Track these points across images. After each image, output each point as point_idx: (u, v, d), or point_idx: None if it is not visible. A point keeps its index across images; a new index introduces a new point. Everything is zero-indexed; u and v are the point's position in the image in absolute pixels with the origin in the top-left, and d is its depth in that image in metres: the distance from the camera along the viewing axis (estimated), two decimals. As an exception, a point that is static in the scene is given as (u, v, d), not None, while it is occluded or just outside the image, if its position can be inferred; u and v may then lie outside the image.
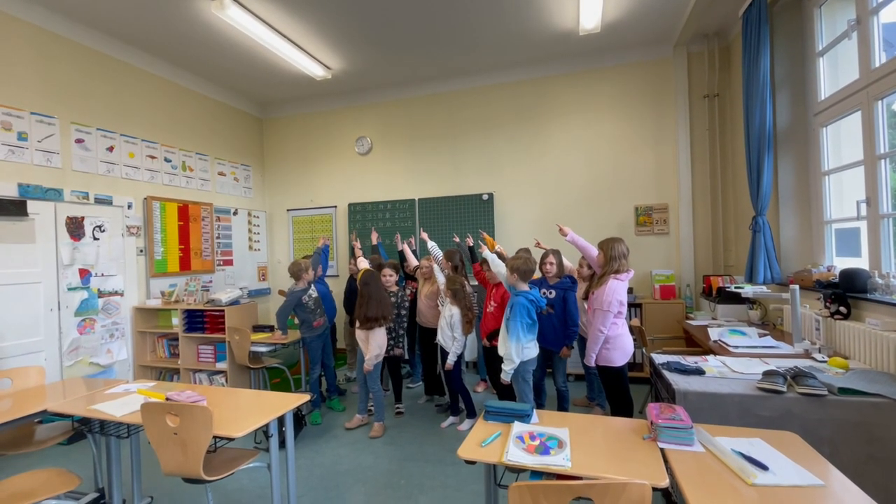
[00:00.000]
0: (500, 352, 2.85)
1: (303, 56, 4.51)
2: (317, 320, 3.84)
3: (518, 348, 2.74)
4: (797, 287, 2.88)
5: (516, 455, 1.56)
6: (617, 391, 2.83)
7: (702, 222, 4.68)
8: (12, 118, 3.52)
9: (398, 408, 3.90)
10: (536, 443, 1.64)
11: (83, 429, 2.45)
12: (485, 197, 5.22)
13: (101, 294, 4.10)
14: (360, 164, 5.85)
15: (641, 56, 4.79)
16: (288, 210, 6.16)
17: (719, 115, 4.58)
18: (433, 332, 3.75)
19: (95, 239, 4.07)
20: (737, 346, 2.84)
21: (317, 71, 4.85)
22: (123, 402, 2.28)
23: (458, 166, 5.42)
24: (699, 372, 2.29)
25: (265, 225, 6.20)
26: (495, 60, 4.94)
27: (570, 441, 1.66)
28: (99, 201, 4.12)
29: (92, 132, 4.10)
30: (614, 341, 2.75)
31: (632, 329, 3.81)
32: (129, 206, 4.39)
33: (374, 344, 3.40)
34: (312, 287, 3.89)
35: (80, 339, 3.92)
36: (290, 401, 2.24)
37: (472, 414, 3.53)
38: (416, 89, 5.52)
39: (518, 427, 1.77)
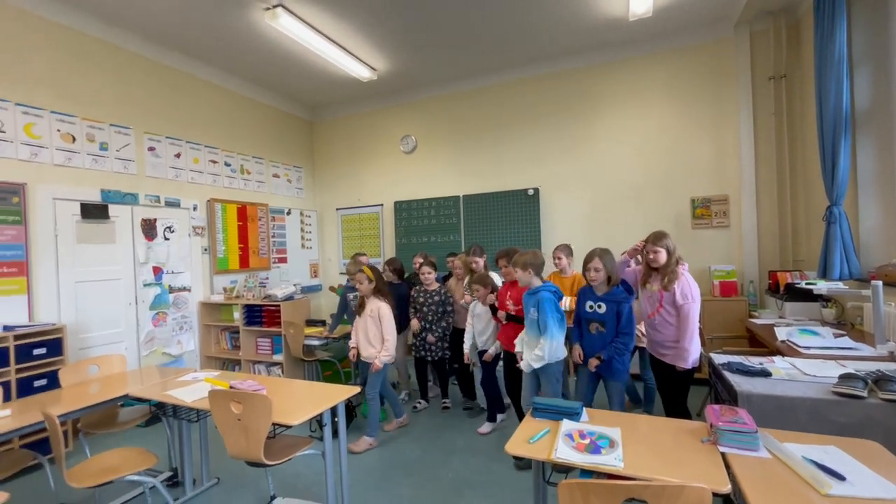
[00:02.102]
0: (526, 356, 2.69)
1: (350, 59, 4.64)
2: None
3: (553, 346, 2.59)
4: (880, 283, 2.62)
5: (565, 453, 1.54)
6: (678, 396, 2.66)
7: (767, 214, 4.35)
8: (95, 130, 3.88)
9: (445, 402, 3.92)
10: (586, 441, 1.60)
11: (159, 412, 2.67)
12: (530, 192, 5.14)
13: (171, 290, 4.45)
14: (405, 163, 5.94)
15: (697, 38, 4.52)
16: (337, 209, 6.38)
17: (787, 98, 4.23)
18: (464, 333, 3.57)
19: (166, 239, 4.42)
20: (808, 347, 2.62)
21: (363, 73, 4.97)
22: (193, 389, 2.46)
23: (502, 161, 5.38)
24: (765, 373, 2.14)
25: (316, 224, 6.45)
26: (540, 51, 4.84)
27: (622, 441, 1.61)
28: (169, 204, 4.46)
29: (161, 140, 4.44)
30: (694, 340, 2.59)
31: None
32: (195, 208, 4.72)
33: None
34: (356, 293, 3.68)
35: (154, 330, 4.28)
36: (342, 392, 2.33)
37: (492, 417, 3.43)
38: (459, 85, 5.52)
39: (567, 425, 1.74)
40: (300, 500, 2.54)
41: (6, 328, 3.08)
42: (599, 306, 2.63)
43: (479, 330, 3.44)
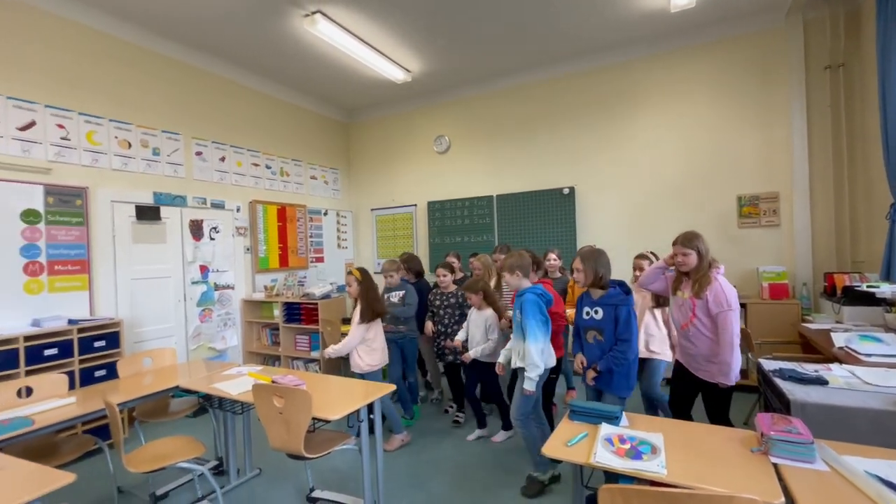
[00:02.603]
0: (518, 363, 2.54)
1: (385, 61, 4.71)
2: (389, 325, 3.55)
3: (539, 350, 2.44)
4: (953, 287, 2.41)
5: (605, 457, 1.51)
6: (719, 409, 2.41)
7: (822, 212, 4.09)
8: (148, 136, 4.12)
9: (457, 417, 3.64)
10: (627, 446, 1.56)
11: (206, 404, 2.81)
12: (566, 191, 5.06)
13: (217, 287, 4.66)
14: (438, 163, 5.97)
15: (744, 28, 4.30)
16: (372, 209, 6.49)
17: (845, 89, 3.97)
18: None
19: (212, 239, 4.63)
20: (870, 355, 2.45)
21: (398, 75, 5.03)
22: (237, 382, 2.57)
23: (537, 160, 5.31)
24: (820, 381, 2.02)
25: (351, 224, 6.59)
26: (577, 47, 4.74)
27: (665, 448, 1.56)
28: (214, 205, 4.68)
29: (208, 145, 4.66)
30: (735, 353, 2.28)
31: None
32: (238, 210, 4.93)
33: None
34: (395, 291, 3.60)
35: (201, 326, 4.49)
36: (378, 390, 2.37)
37: (483, 425, 3.33)
38: (493, 84, 5.50)
39: (606, 429, 1.70)
40: (338, 493, 2.60)
41: (71, 322, 3.32)
42: (596, 311, 2.39)
43: (476, 339, 3.19)
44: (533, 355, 2.42)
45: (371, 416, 2.34)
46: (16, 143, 3.29)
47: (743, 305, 4.06)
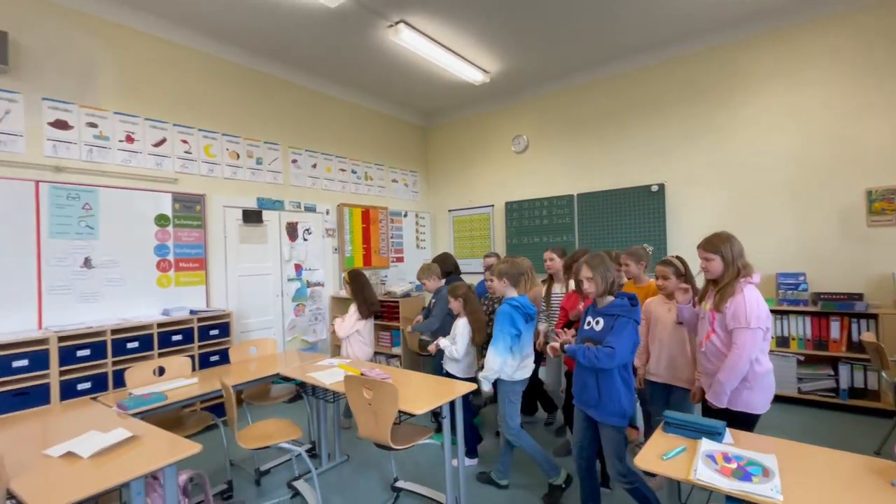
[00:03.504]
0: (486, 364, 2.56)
1: (463, 64, 4.77)
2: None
3: (494, 356, 2.48)
4: None
5: (707, 475, 1.39)
6: None
7: (984, 207, 3.41)
8: (253, 147, 4.58)
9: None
10: (733, 466, 1.43)
11: (302, 391, 3.05)
12: (654, 188, 4.74)
13: (309, 284, 5.04)
14: (516, 163, 5.92)
15: (877, -4, 3.72)
16: (449, 210, 6.60)
17: None
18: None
19: (305, 240, 5.03)
20: None
21: (476, 76, 5.07)
22: (329, 373, 2.76)
23: (621, 157, 5.04)
24: None
25: (430, 225, 6.76)
26: (665, 32, 4.42)
27: (779, 471, 1.40)
28: (307, 209, 5.07)
29: (302, 153, 5.06)
30: (760, 377, 1.97)
31: (866, 346, 3.02)
32: (328, 212, 5.29)
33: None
34: (433, 299, 3.67)
35: (295, 320, 4.89)
36: (459, 388, 2.41)
37: (471, 453, 3.05)
38: (572, 79, 5.32)
39: (708, 445, 1.57)
40: (420, 485, 2.69)
41: (192, 312, 3.79)
42: (597, 322, 2.11)
43: (460, 352, 2.94)
44: (489, 360, 2.51)
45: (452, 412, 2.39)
46: (151, 158, 3.83)
47: (873, 316, 3.52)
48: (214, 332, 3.81)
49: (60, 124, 3.35)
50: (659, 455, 1.54)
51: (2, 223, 3.04)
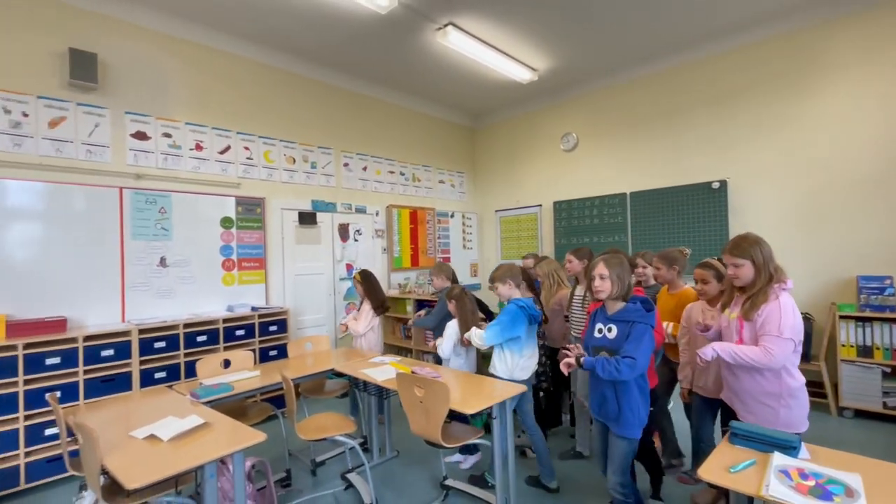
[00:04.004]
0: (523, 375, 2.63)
1: (511, 63, 4.74)
2: None
3: (486, 338, 2.57)
4: None
5: (781, 492, 1.30)
6: None
7: None
8: (307, 152, 4.79)
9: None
10: (811, 483, 1.33)
11: (354, 387, 3.15)
12: (715, 185, 4.48)
13: (359, 284, 5.19)
14: (565, 161, 5.79)
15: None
16: (496, 211, 6.57)
17: None
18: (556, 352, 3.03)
19: (355, 241, 5.19)
20: None
21: (524, 75, 5.02)
22: (381, 370, 2.83)
23: (679, 152, 4.80)
24: None
25: (476, 225, 6.76)
26: (731, 18, 4.16)
27: (865, 492, 1.28)
28: (357, 211, 5.23)
29: (353, 157, 5.23)
30: (796, 393, 1.82)
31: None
32: (377, 214, 5.43)
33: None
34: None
35: (346, 318, 5.04)
36: (508, 389, 2.39)
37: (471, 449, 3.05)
38: (625, 73, 5.14)
39: (781, 459, 1.47)
40: (469, 485, 2.70)
41: (253, 308, 4.02)
42: (609, 329, 2.00)
43: (444, 353, 2.95)
44: (482, 337, 2.59)
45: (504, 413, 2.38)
46: (217, 164, 4.11)
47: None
48: (273, 328, 4.02)
49: (140, 135, 3.67)
50: (725, 467, 1.46)
51: (91, 226, 3.38)
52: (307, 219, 4.73)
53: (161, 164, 3.77)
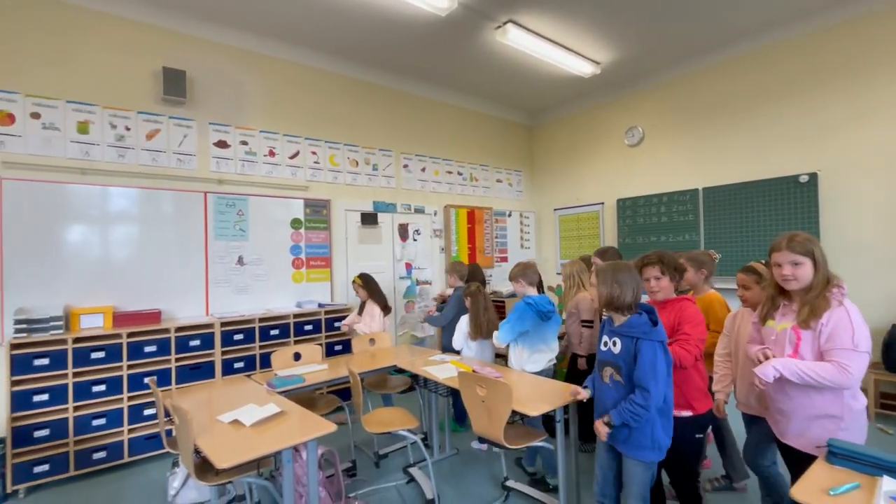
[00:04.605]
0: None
1: (572, 58, 4.60)
2: None
3: (496, 336, 2.83)
4: None
5: (894, 520, 1.16)
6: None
7: None
8: (369, 155, 4.96)
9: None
10: (932, 514, 1.17)
11: (415, 384, 3.22)
12: (803, 178, 4.08)
13: (418, 283, 5.30)
14: (629, 157, 5.54)
15: None
16: (555, 209, 6.42)
17: None
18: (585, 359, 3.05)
19: (414, 240, 5.30)
20: None
21: (585, 69, 4.86)
22: (441, 368, 2.87)
23: (759, 143, 4.43)
24: None
25: (534, 225, 6.65)
26: (821, -1, 3.77)
27: None
28: (416, 211, 5.34)
29: (412, 158, 5.34)
30: (857, 416, 1.61)
31: None
32: (435, 214, 5.51)
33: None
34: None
35: (406, 316, 5.17)
36: (569, 392, 2.33)
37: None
38: (697, 61, 4.81)
39: (892, 484, 1.31)
40: (531, 488, 2.67)
41: (320, 305, 4.23)
42: (614, 343, 1.84)
43: (456, 344, 3.27)
44: (496, 336, 2.85)
45: (566, 416, 2.33)
46: (288, 169, 4.36)
47: None
48: (338, 324, 4.20)
49: (221, 144, 3.98)
50: (823, 489, 1.33)
51: (180, 228, 3.72)
52: (369, 219, 4.89)
53: (239, 170, 4.07)
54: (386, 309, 3.79)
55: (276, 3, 3.63)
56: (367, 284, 3.79)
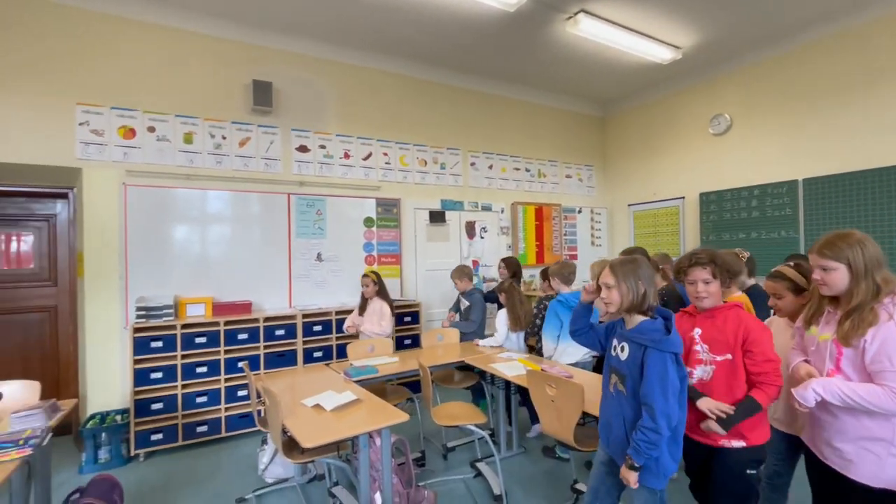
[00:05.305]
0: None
1: (650, 44, 4.34)
2: None
3: (544, 339, 3.08)
4: None
5: None
6: None
7: None
8: (437, 154, 5.05)
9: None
10: None
11: (482, 380, 3.25)
12: (932, 165, 3.51)
13: (485, 280, 5.31)
14: (714, 147, 5.12)
15: None
16: (629, 205, 6.11)
17: None
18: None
19: (481, 238, 5.32)
20: None
21: (664, 55, 4.56)
22: (509, 366, 2.87)
23: (873, 128, 3.88)
24: None
25: (606, 221, 6.38)
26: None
27: None
28: (483, 208, 5.35)
29: (479, 156, 5.36)
30: None
31: None
32: (502, 211, 5.49)
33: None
34: (464, 299, 4.07)
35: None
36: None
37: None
38: (795, 39, 4.31)
39: None
40: (601, 493, 2.58)
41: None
42: (622, 348, 1.65)
43: (500, 339, 3.54)
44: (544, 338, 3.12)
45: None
46: (361, 170, 4.58)
47: None
48: (407, 318, 4.35)
49: (302, 148, 4.28)
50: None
51: (266, 227, 4.06)
52: (437, 217, 4.99)
53: (318, 172, 4.35)
54: (394, 310, 3.70)
55: (348, 12, 3.81)
56: (380, 281, 3.71)
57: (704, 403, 1.64)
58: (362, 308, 3.73)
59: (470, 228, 5.25)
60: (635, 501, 1.63)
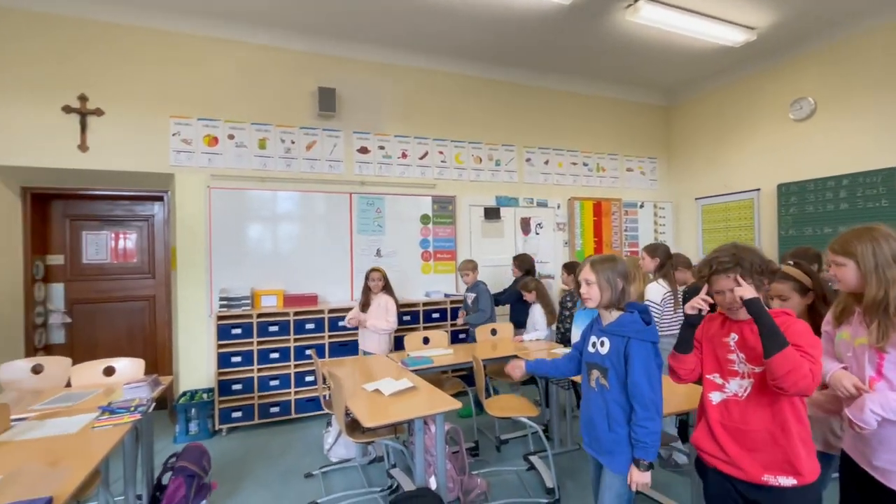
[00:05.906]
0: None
1: (720, 27, 4.09)
2: None
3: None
4: None
5: None
6: None
7: None
8: (493, 151, 5.10)
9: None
10: None
11: (536, 375, 3.25)
12: None
13: (540, 276, 5.27)
14: (794, 134, 4.70)
15: None
16: (696, 199, 5.77)
17: None
18: None
19: (536, 234, 5.29)
20: None
21: (736, 38, 4.26)
22: (563, 361, 2.86)
23: None
24: None
25: (671, 216, 6.07)
26: None
27: None
28: (539, 204, 5.31)
29: (535, 151, 5.33)
30: None
31: None
32: (558, 207, 5.41)
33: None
34: (469, 292, 4.14)
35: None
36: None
37: None
38: (880, 13, 3.85)
39: None
40: (656, 492, 2.52)
41: (446, 295, 4.53)
42: (602, 343, 1.69)
43: (543, 334, 3.68)
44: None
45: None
46: (418, 169, 4.74)
47: None
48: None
49: (363, 150, 4.51)
50: None
51: (330, 224, 4.33)
52: (492, 214, 5.04)
53: (377, 172, 4.56)
54: (397, 304, 3.66)
55: (405, 15, 3.95)
56: (386, 278, 3.65)
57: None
58: (365, 304, 3.61)
59: (525, 225, 5.24)
60: (608, 487, 1.63)
